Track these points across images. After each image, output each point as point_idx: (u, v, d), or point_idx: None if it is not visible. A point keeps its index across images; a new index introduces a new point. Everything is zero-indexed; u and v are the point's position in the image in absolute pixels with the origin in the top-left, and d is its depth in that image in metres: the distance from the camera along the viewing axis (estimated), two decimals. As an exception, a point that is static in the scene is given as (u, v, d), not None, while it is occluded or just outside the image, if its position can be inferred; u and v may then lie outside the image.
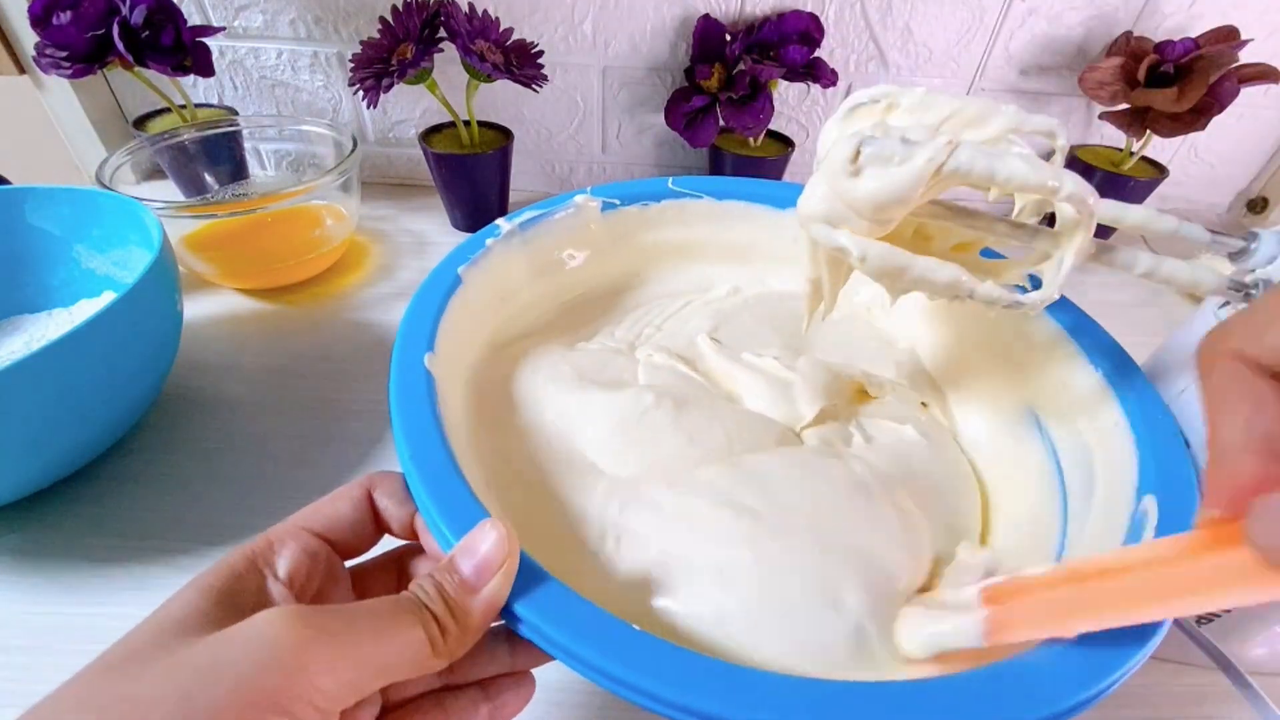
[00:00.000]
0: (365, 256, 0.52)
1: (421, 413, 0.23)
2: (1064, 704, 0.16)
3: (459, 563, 0.17)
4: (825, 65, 0.50)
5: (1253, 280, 0.21)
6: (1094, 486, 0.25)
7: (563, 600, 0.18)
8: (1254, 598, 0.13)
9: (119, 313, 0.29)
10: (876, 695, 0.16)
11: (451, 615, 0.17)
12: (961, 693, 0.16)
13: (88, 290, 0.39)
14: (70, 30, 0.43)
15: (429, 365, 0.25)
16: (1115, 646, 0.17)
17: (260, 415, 0.37)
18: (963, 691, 0.16)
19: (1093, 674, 0.17)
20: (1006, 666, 0.17)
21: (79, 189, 0.37)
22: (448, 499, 0.20)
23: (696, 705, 0.16)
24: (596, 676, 0.17)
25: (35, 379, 0.26)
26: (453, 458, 0.22)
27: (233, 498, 0.32)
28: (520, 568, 0.18)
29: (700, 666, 0.17)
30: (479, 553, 0.17)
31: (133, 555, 0.29)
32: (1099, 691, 0.17)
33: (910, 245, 0.23)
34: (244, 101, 0.59)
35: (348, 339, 0.43)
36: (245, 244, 0.47)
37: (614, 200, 0.37)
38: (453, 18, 0.45)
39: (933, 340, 0.36)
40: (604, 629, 0.17)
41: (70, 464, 0.31)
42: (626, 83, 0.57)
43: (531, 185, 0.64)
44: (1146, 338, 0.35)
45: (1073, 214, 0.21)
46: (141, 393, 0.33)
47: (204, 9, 0.53)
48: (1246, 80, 0.47)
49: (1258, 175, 0.61)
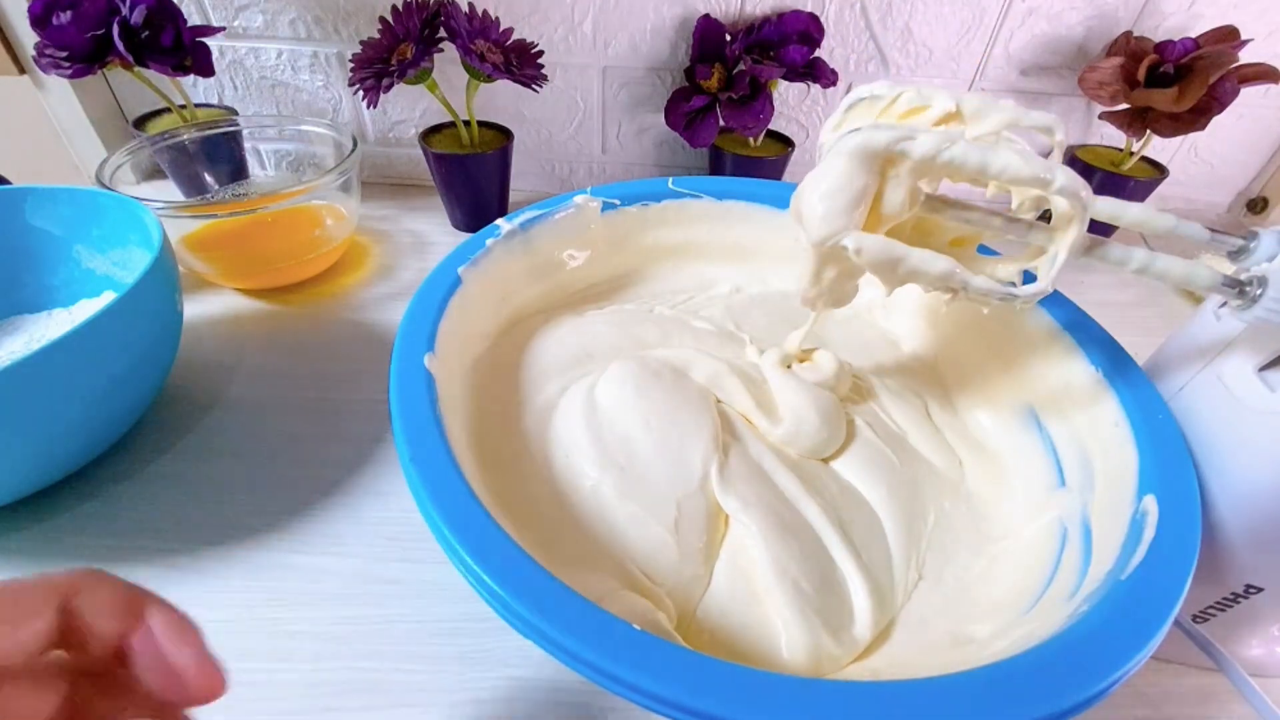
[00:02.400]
0: (365, 257, 0.52)
1: (422, 413, 0.23)
2: (1064, 704, 0.16)
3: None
4: (825, 65, 0.50)
5: (1248, 278, 0.21)
6: (1094, 485, 0.25)
7: (562, 599, 0.18)
8: None
9: (119, 313, 0.29)
10: (877, 696, 0.16)
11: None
12: (962, 692, 0.16)
13: (88, 290, 0.39)
14: (70, 30, 0.43)
15: (429, 365, 0.25)
16: (1115, 646, 0.17)
17: (260, 415, 0.37)
18: (964, 691, 0.16)
19: (1093, 674, 0.17)
20: (1007, 666, 0.17)
21: (79, 189, 0.37)
22: (448, 499, 0.20)
23: (696, 705, 0.16)
24: (595, 675, 0.17)
25: (35, 379, 0.26)
26: (453, 458, 0.22)
27: (232, 498, 0.32)
28: (519, 566, 0.18)
29: (700, 666, 0.17)
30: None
31: (132, 555, 0.29)
32: (1099, 691, 0.17)
33: (907, 240, 0.23)
34: (244, 101, 0.59)
35: (348, 339, 0.43)
36: (245, 244, 0.47)
37: (614, 200, 0.37)
38: (453, 18, 0.45)
39: (934, 340, 0.36)
40: (604, 628, 0.17)
41: (70, 464, 0.31)
42: (626, 83, 0.57)
43: (531, 185, 0.64)
44: (1146, 338, 0.35)
45: (1066, 208, 0.21)
46: (141, 393, 0.33)
47: (204, 9, 0.53)
48: (1246, 80, 0.47)
49: (1258, 175, 0.61)
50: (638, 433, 0.28)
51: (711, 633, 0.23)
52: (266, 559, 0.30)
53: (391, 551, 0.30)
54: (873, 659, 0.23)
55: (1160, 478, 0.22)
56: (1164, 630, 0.18)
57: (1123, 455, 0.24)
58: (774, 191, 0.39)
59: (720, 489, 0.26)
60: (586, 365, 0.32)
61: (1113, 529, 0.22)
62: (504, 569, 0.18)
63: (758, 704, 0.16)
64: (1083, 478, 0.26)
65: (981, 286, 0.23)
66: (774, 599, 0.23)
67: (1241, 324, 0.23)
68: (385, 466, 0.34)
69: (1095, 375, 0.27)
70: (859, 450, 0.30)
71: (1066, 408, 0.29)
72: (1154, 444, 0.24)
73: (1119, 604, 0.19)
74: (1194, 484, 0.22)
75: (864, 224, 0.23)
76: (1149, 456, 0.23)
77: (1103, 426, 0.26)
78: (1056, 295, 0.31)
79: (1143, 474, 0.23)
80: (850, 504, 0.27)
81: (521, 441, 0.29)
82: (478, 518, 0.20)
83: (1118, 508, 0.23)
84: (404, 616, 0.28)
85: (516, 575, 0.18)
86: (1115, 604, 0.19)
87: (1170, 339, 0.28)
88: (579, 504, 0.26)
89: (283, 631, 0.27)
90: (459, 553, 0.19)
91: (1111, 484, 0.24)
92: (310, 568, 0.29)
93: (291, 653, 0.26)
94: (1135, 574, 0.20)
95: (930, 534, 0.27)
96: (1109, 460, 0.25)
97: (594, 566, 0.24)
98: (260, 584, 0.29)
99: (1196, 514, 0.21)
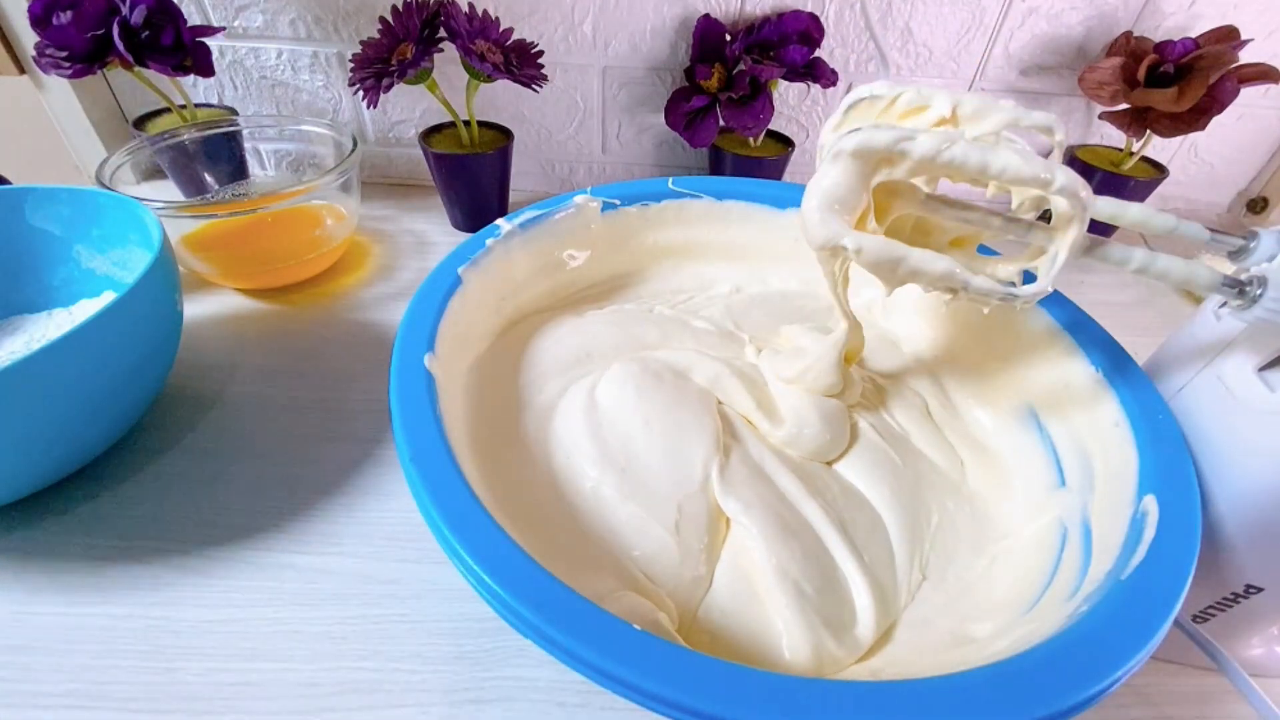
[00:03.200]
0: (365, 257, 0.52)
1: (422, 413, 0.23)
2: (1065, 703, 0.16)
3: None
4: (825, 65, 0.50)
5: (1248, 278, 0.21)
6: (1094, 485, 0.25)
7: (563, 601, 0.18)
8: None
9: (119, 313, 0.29)
10: (877, 696, 0.16)
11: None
12: (963, 692, 0.16)
13: (88, 290, 0.39)
14: (70, 30, 0.43)
15: (429, 365, 0.25)
16: (1116, 646, 0.17)
17: (260, 415, 0.37)
18: (964, 691, 0.16)
19: (1093, 674, 0.17)
20: (1007, 666, 0.17)
21: (79, 189, 0.37)
22: (448, 499, 0.20)
23: (696, 705, 0.16)
24: (595, 675, 0.17)
25: (35, 379, 0.26)
26: (453, 457, 0.22)
27: (232, 497, 0.32)
28: (519, 566, 0.18)
29: (701, 666, 0.17)
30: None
31: (132, 555, 0.29)
32: (1099, 691, 0.17)
33: (908, 241, 0.23)
34: (244, 101, 0.59)
35: (347, 339, 0.43)
36: (245, 244, 0.47)
37: (614, 200, 0.37)
38: (453, 18, 0.45)
39: (934, 340, 0.36)
40: (604, 628, 0.17)
41: (70, 464, 0.31)
42: (626, 83, 0.57)
43: (532, 185, 0.64)
44: (1146, 337, 0.35)
45: (1066, 208, 0.21)
46: (141, 392, 0.33)
47: (204, 9, 0.53)
48: (1246, 80, 0.47)
49: (1258, 175, 0.61)
50: (638, 434, 0.28)
51: (713, 634, 0.23)
52: (266, 559, 0.30)
53: (391, 551, 0.30)
54: (874, 659, 0.23)
55: (1160, 478, 0.22)
56: (1164, 630, 0.18)
57: (1123, 455, 0.24)
58: (774, 192, 0.39)
59: (721, 491, 0.26)
60: (587, 365, 0.32)
61: (1113, 529, 0.22)
62: (504, 569, 0.18)
63: (758, 704, 0.16)
64: (1083, 478, 0.26)
65: (982, 286, 0.23)
66: (775, 600, 0.23)
67: (1241, 324, 0.23)
68: (385, 466, 0.34)
69: (1095, 375, 0.27)
70: (862, 451, 0.30)
71: (1066, 408, 0.29)
72: (1154, 444, 0.24)
73: (1119, 604, 0.19)
74: (1194, 484, 0.22)
75: (864, 224, 0.23)
76: (1149, 456, 0.23)
77: (1103, 427, 0.26)
78: (1056, 295, 0.31)
79: (1143, 474, 0.23)
80: (853, 505, 0.27)
81: (521, 442, 0.29)
82: (478, 517, 0.20)
83: (1118, 508, 0.23)
84: (403, 616, 0.28)
85: (517, 575, 0.18)
86: (1115, 604, 0.19)
87: (1170, 339, 0.28)
88: (579, 504, 0.26)
89: (282, 631, 0.27)
90: (459, 553, 0.19)
91: (1111, 484, 0.24)
92: (309, 567, 0.29)
93: (291, 652, 0.26)
94: (1135, 574, 0.19)
95: (934, 534, 0.27)
96: (1109, 460, 0.25)
97: (594, 567, 0.24)
98: (259, 584, 0.29)
99: (1197, 514, 0.21)
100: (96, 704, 0.24)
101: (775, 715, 0.16)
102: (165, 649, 0.26)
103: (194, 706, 0.25)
